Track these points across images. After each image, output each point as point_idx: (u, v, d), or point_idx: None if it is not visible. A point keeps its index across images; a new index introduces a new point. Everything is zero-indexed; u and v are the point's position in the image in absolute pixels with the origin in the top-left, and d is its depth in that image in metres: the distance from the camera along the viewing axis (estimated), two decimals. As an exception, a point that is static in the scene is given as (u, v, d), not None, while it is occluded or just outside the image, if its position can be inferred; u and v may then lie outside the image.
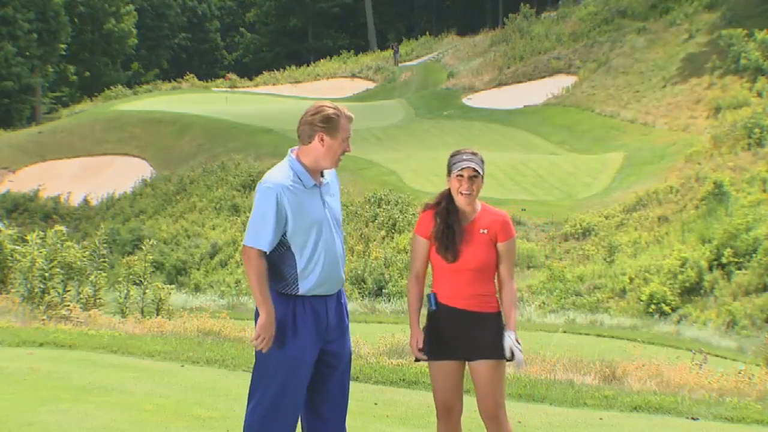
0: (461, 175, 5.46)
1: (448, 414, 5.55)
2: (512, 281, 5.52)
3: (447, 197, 5.55)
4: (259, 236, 5.12)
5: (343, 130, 5.21)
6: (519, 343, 5.43)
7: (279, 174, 5.18)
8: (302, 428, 5.42)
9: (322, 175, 5.32)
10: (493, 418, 5.50)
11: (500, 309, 5.51)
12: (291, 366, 5.17)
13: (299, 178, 5.18)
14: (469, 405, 5.79)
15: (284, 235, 5.14)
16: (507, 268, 5.51)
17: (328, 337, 5.28)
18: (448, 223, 5.51)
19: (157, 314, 16.90)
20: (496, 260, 5.51)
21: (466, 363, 5.55)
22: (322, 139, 5.19)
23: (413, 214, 34.20)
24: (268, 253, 5.13)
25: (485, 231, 5.48)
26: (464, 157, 5.52)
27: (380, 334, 14.04)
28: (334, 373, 5.33)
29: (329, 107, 5.23)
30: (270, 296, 5.14)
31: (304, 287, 5.18)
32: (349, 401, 5.50)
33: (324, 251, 5.20)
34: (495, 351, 5.45)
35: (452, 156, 5.57)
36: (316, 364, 5.28)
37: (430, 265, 5.63)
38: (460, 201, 5.50)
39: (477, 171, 5.46)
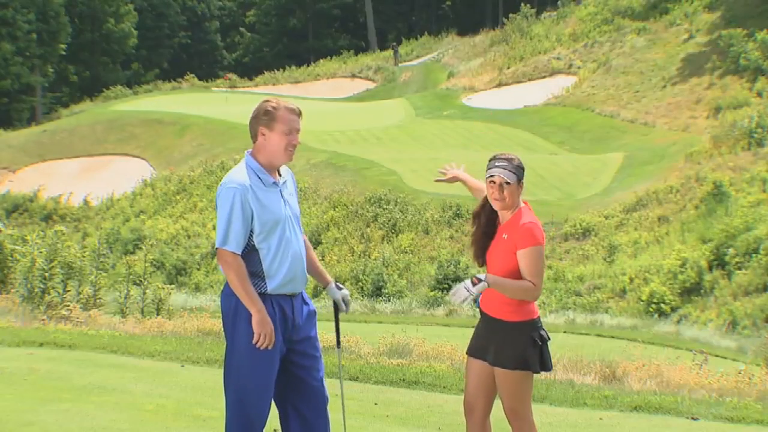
0: (492, 182, 5.44)
1: (471, 412, 5.62)
2: (535, 287, 5.34)
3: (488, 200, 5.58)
4: (230, 238, 5.15)
5: (282, 122, 5.24)
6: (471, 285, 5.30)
7: (240, 174, 5.23)
8: (282, 429, 5.43)
9: (280, 174, 5.35)
10: (510, 420, 5.56)
11: (524, 319, 5.42)
12: (259, 363, 5.19)
13: (258, 177, 5.24)
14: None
15: (250, 234, 5.18)
16: (528, 278, 5.34)
17: (295, 336, 5.31)
18: (480, 227, 5.55)
19: (157, 314, 16.91)
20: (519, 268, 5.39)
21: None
22: (263, 134, 5.27)
23: (413, 214, 34.19)
24: (240, 252, 5.17)
25: (506, 236, 5.42)
26: (496, 163, 5.46)
27: (380, 334, 14.03)
28: (308, 373, 5.35)
29: (269, 102, 5.30)
30: (255, 293, 5.17)
31: (272, 285, 5.21)
32: (349, 401, 5.50)
33: (288, 249, 5.24)
34: (505, 360, 5.44)
35: (489, 160, 5.54)
36: (289, 365, 5.31)
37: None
38: (493, 206, 5.50)
39: (507, 180, 5.40)
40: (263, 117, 5.26)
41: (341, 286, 5.57)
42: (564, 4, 64.71)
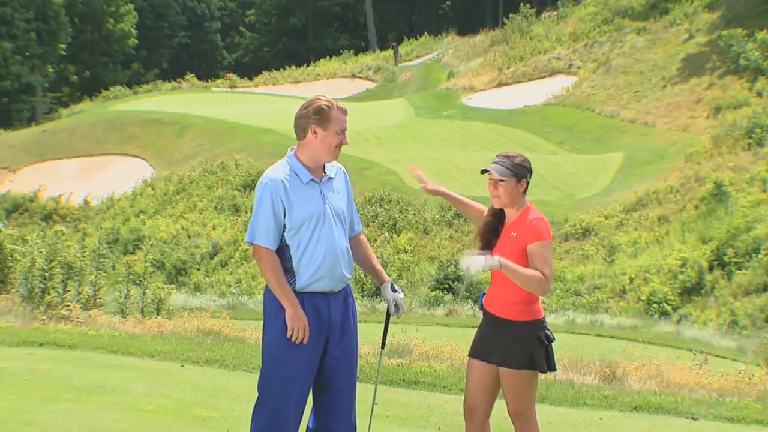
0: (491, 179, 5.50)
1: (471, 414, 5.61)
2: (546, 278, 5.35)
3: None
4: (257, 231, 5.17)
5: (336, 122, 5.23)
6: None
7: (275, 170, 5.24)
8: (307, 428, 5.41)
9: (325, 172, 5.32)
10: (514, 420, 5.58)
11: (531, 318, 5.45)
12: (293, 362, 5.15)
13: (296, 174, 5.22)
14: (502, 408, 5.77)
15: (283, 229, 5.18)
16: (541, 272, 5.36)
17: (332, 336, 5.26)
18: (486, 225, 5.57)
19: (157, 314, 16.89)
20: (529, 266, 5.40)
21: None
22: (315, 132, 5.23)
23: (413, 213, 34.19)
24: (273, 247, 5.16)
25: (515, 234, 5.45)
26: (495, 160, 5.54)
27: (380, 335, 14.00)
28: (340, 374, 5.30)
29: (321, 99, 5.27)
30: (289, 288, 5.15)
31: (301, 282, 5.18)
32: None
33: (322, 246, 5.19)
34: (512, 360, 5.44)
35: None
36: (322, 364, 5.26)
37: None
38: (493, 203, 5.57)
39: (500, 177, 5.44)
40: (314, 116, 5.23)
41: (397, 288, 5.49)
42: (564, 4, 64.71)
